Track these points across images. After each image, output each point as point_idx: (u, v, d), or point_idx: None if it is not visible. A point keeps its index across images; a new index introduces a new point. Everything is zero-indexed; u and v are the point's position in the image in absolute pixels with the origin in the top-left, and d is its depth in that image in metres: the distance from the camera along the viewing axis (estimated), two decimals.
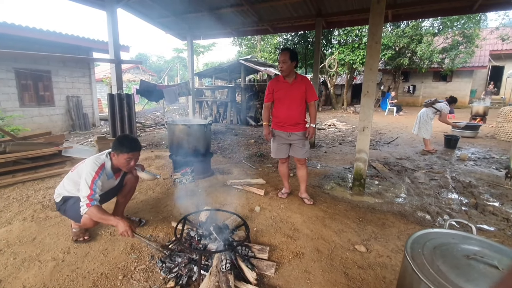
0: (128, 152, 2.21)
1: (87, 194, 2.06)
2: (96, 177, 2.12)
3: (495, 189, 3.98)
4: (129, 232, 1.98)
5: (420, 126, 6.23)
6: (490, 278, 1.13)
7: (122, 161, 2.23)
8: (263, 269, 2.00)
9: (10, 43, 6.77)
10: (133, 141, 2.27)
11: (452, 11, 6.11)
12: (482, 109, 10.61)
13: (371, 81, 3.44)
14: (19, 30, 6.83)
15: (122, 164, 2.25)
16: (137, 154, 2.31)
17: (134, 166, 2.35)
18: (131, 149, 2.22)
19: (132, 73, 24.65)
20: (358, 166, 3.63)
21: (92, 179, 2.10)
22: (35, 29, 7.14)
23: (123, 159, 2.22)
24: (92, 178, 2.10)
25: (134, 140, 2.28)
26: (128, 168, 2.32)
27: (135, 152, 2.27)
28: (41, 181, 3.89)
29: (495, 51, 17.47)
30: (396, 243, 2.48)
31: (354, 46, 14.13)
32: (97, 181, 2.12)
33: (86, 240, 2.36)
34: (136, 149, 2.28)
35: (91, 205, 2.04)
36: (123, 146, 2.21)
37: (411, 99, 19.45)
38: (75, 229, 2.38)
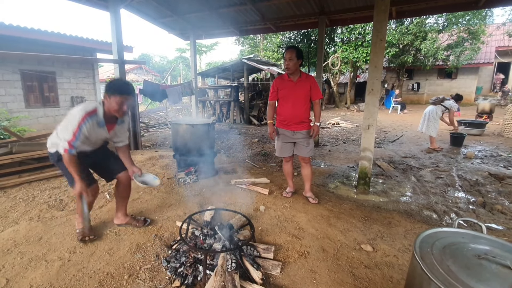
0: (120, 94, 2.13)
1: (69, 139, 2.03)
2: (82, 122, 2.05)
3: (503, 187, 3.93)
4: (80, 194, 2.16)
5: (429, 124, 6.14)
6: (503, 278, 1.10)
7: (113, 105, 2.14)
8: (268, 269, 1.99)
9: (16, 45, 6.83)
10: (125, 84, 2.21)
11: (457, 7, 6.04)
12: (488, 106, 10.49)
13: (375, 78, 3.40)
14: (24, 32, 6.88)
15: (114, 107, 2.15)
16: (130, 98, 2.21)
17: (126, 111, 2.23)
18: (123, 91, 2.14)
19: (135, 73, 24.78)
20: (363, 164, 3.60)
21: (78, 123, 2.04)
22: (40, 31, 7.19)
23: (114, 102, 2.13)
24: (78, 123, 2.04)
25: (126, 84, 2.23)
26: (121, 113, 2.20)
27: (127, 95, 2.17)
28: (47, 181, 3.91)
29: (501, 47, 17.24)
30: (403, 242, 2.45)
31: (358, 44, 14.03)
32: (83, 127, 2.05)
33: (92, 239, 2.36)
34: (129, 92, 2.19)
35: (68, 152, 2.03)
36: (115, 88, 2.13)
37: (415, 97, 19.29)
38: (78, 230, 2.39)
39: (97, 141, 2.33)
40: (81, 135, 2.07)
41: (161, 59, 41.32)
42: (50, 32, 7.43)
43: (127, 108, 2.23)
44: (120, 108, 2.17)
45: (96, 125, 2.16)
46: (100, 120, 2.17)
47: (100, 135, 2.27)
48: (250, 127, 10.22)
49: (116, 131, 2.40)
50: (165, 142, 7.23)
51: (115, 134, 2.42)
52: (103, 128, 2.24)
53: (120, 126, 2.42)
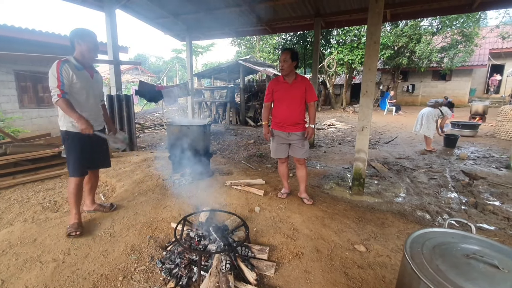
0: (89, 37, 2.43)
1: (56, 85, 2.27)
2: (59, 67, 2.29)
3: (495, 188, 3.99)
4: (89, 130, 2.34)
5: (428, 126, 6.21)
6: (490, 277, 1.13)
7: (88, 48, 2.43)
8: (263, 270, 2.01)
9: (9, 45, 6.76)
10: (90, 30, 2.48)
11: (451, 10, 6.11)
12: (481, 108, 10.63)
13: (369, 80, 3.44)
14: (18, 32, 6.82)
15: (89, 51, 2.45)
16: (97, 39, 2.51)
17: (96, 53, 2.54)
18: (92, 34, 2.46)
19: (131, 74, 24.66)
20: (358, 165, 3.64)
21: (56, 69, 2.28)
22: (35, 31, 7.13)
23: (89, 46, 2.43)
24: (56, 69, 2.28)
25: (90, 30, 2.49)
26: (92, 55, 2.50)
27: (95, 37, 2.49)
28: (41, 182, 3.89)
29: (495, 50, 17.47)
30: (395, 242, 2.48)
31: (353, 46, 14.14)
32: (62, 69, 2.29)
33: (77, 235, 2.42)
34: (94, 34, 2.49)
35: (62, 96, 2.28)
36: (84, 34, 2.43)
37: (410, 98, 19.47)
38: (69, 226, 2.49)
39: (90, 91, 2.54)
40: (65, 80, 2.31)
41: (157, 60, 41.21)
42: (44, 32, 7.37)
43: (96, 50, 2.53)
44: (92, 49, 2.46)
45: (75, 69, 2.40)
46: (76, 64, 2.42)
47: (86, 80, 2.50)
48: (246, 128, 10.24)
49: (98, 82, 2.69)
50: (161, 143, 7.22)
51: (98, 85, 2.69)
52: (84, 71, 2.48)
53: (99, 76, 2.70)
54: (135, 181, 3.79)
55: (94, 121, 2.57)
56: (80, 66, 2.44)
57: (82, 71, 2.46)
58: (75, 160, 2.52)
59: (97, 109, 2.69)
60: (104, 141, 2.73)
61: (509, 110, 7.72)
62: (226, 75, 14.12)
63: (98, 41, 2.55)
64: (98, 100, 2.71)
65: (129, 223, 2.68)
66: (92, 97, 2.58)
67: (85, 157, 2.58)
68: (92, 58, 2.55)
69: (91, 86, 2.55)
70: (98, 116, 2.69)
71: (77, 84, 2.40)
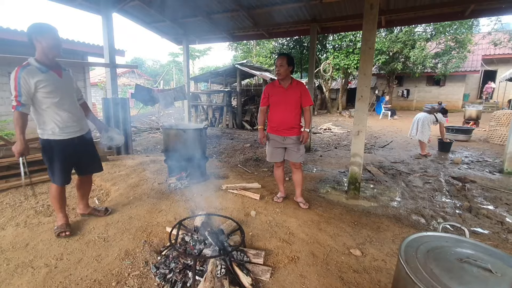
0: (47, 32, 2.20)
1: (14, 95, 2.10)
2: (17, 76, 2.09)
3: (488, 192, 4.03)
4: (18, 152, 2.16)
5: (423, 131, 6.28)
6: (484, 281, 1.14)
7: (49, 44, 2.20)
8: (258, 274, 1.99)
9: (4, 48, 6.72)
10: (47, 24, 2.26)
11: (444, 17, 6.23)
12: (475, 113, 10.77)
13: (365, 85, 3.48)
14: (13, 35, 6.79)
15: (51, 47, 2.21)
16: (58, 33, 2.27)
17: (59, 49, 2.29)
18: (51, 28, 2.23)
19: (127, 77, 24.59)
20: (353, 170, 3.66)
21: (14, 78, 2.10)
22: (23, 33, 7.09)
23: (49, 42, 2.20)
24: (14, 78, 2.10)
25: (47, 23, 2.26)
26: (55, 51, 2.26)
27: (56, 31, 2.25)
28: (34, 186, 3.84)
29: (487, 56, 17.78)
30: (391, 246, 2.48)
31: (349, 51, 14.29)
32: (20, 78, 2.09)
33: (67, 235, 2.42)
34: (55, 28, 2.25)
35: (16, 108, 2.11)
36: (40, 29, 2.19)
37: (405, 103, 19.67)
38: (55, 227, 2.49)
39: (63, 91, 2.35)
40: (24, 89, 2.11)
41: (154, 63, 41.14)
42: None
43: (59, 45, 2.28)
44: (53, 46, 2.22)
45: (39, 72, 2.19)
46: (39, 66, 2.21)
47: (55, 81, 2.29)
48: (243, 132, 10.24)
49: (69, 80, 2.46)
50: (157, 146, 7.18)
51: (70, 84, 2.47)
52: (50, 73, 2.26)
53: (68, 74, 2.48)
54: (130, 185, 3.76)
55: (77, 123, 2.47)
56: (44, 68, 2.22)
57: (47, 73, 2.24)
58: (60, 168, 2.40)
59: (76, 110, 2.49)
60: (91, 146, 2.65)
61: (501, 115, 7.84)
62: (223, 79, 14.16)
63: (59, 36, 2.29)
64: (74, 100, 2.51)
65: (123, 227, 2.65)
66: (67, 98, 2.39)
67: (70, 164, 2.51)
68: (55, 55, 2.31)
69: (62, 87, 2.35)
70: (79, 118, 2.52)
71: (45, 89, 2.21)
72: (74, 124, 2.42)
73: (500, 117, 7.84)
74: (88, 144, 2.63)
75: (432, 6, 5.22)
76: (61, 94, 2.34)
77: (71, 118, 2.40)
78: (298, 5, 5.62)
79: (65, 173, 2.47)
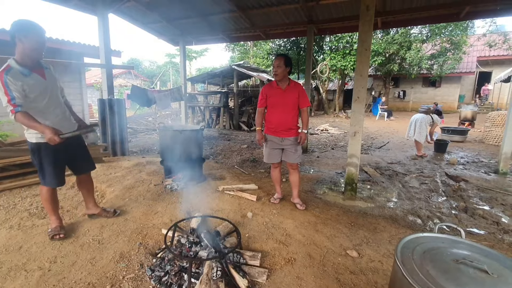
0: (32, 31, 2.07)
1: (6, 100, 2.00)
2: (1, 80, 1.99)
3: (484, 192, 4.05)
4: (55, 138, 2.05)
5: (420, 131, 6.32)
6: (480, 282, 1.14)
7: (32, 46, 2.07)
8: (254, 276, 1.98)
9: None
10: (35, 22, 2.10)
11: (439, 19, 6.28)
12: (470, 114, 10.85)
13: (361, 86, 3.48)
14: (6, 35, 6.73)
15: (34, 49, 2.09)
16: (45, 34, 2.14)
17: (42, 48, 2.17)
18: (38, 28, 2.09)
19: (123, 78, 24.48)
20: (350, 170, 3.66)
21: (1, 84, 1.99)
22: None
23: (33, 43, 2.07)
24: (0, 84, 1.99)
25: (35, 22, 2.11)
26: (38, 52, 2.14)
27: (43, 32, 2.12)
28: (28, 188, 3.80)
29: (482, 57, 17.93)
30: (387, 247, 2.48)
31: (345, 52, 14.35)
32: (6, 82, 1.99)
33: (61, 238, 2.40)
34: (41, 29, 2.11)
35: (15, 111, 2.01)
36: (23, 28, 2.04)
37: (401, 104, 19.77)
38: (49, 230, 2.47)
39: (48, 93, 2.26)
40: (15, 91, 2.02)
41: (150, 64, 41.05)
42: None
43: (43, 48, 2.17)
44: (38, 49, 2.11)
45: (22, 75, 2.09)
46: (21, 69, 2.10)
47: (40, 84, 2.20)
48: (240, 133, 10.23)
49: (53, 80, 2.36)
50: (153, 148, 7.14)
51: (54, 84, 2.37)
52: (33, 75, 2.16)
53: (51, 72, 2.37)
54: (125, 186, 3.73)
55: (67, 122, 2.43)
56: (25, 70, 2.12)
57: (30, 76, 2.15)
58: (52, 170, 2.34)
59: (63, 110, 2.44)
60: (80, 144, 2.61)
61: (496, 116, 7.90)
62: (220, 80, 14.14)
63: (45, 37, 2.16)
64: (60, 100, 2.43)
65: (118, 229, 2.63)
66: (53, 99, 2.32)
67: (61, 166, 2.45)
68: (39, 58, 2.21)
69: (47, 88, 2.26)
70: (67, 118, 2.47)
71: (31, 94, 2.13)
72: (62, 124, 2.34)
73: (495, 118, 7.90)
74: (78, 143, 2.59)
75: (428, 8, 5.26)
76: (47, 96, 2.27)
77: (59, 120, 2.35)
78: (295, 6, 5.63)
79: (57, 175, 2.41)
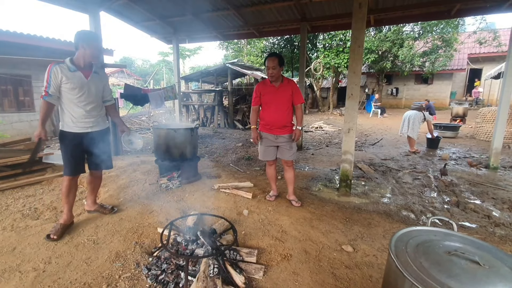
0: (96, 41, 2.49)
1: (44, 86, 2.36)
2: (50, 70, 2.35)
3: (475, 187, 4.13)
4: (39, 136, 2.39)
5: (414, 127, 6.41)
6: (472, 273, 1.16)
7: (90, 52, 2.45)
8: (251, 273, 1.99)
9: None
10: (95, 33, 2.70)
11: (431, 16, 6.35)
12: (461, 110, 11.01)
13: (354, 84, 3.51)
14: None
15: (90, 55, 2.47)
16: (101, 44, 2.64)
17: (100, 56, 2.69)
18: (97, 39, 2.53)
19: (116, 77, 24.24)
20: (344, 167, 3.69)
21: (47, 72, 2.35)
22: (16, 33, 6.90)
23: (92, 51, 2.45)
24: (47, 72, 2.35)
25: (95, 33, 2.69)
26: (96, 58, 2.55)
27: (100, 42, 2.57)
28: (21, 189, 3.75)
29: (473, 54, 18.19)
30: (381, 242, 2.52)
31: (339, 50, 14.40)
32: (52, 72, 2.34)
33: (54, 239, 2.41)
34: (100, 39, 2.62)
35: (43, 98, 2.36)
36: (90, 38, 2.47)
37: (394, 101, 19.96)
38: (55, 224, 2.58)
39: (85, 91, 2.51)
40: (53, 82, 2.36)
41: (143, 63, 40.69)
42: (26, 35, 7.15)
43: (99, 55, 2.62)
44: (95, 55, 2.49)
45: (67, 70, 2.41)
46: (70, 66, 2.42)
47: (81, 81, 2.47)
48: (234, 132, 10.22)
49: (96, 82, 2.62)
50: (147, 147, 7.10)
51: (96, 86, 2.62)
52: (77, 72, 2.45)
53: (98, 76, 2.64)
54: (120, 186, 3.70)
55: (92, 120, 2.61)
56: (73, 67, 2.44)
57: (75, 72, 2.44)
58: (66, 159, 2.55)
59: (96, 109, 2.64)
60: (102, 142, 2.73)
61: (487, 113, 8.04)
62: (214, 78, 14.09)
63: (102, 46, 2.66)
64: (98, 100, 2.66)
65: (113, 229, 2.61)
66: (88, 97, 2.54)
67: (77, 156, 2.59)
68: (92, 61, 2.56)
69: (86, 87, 2.51)
70: (96, 116, 2.67)
71: (68, 85, 2.41)
72: (88, 120, 2.57)
73: (486, 114, 8.03)
74: (100, 140, 2.70)
75: (419, 5, 5.31)
76: (83, 93, 2.50)
77: (86, 115, 2.55)
78: (288, 4, 5.63)
79: (72, 164, 2.56)
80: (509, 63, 4.70)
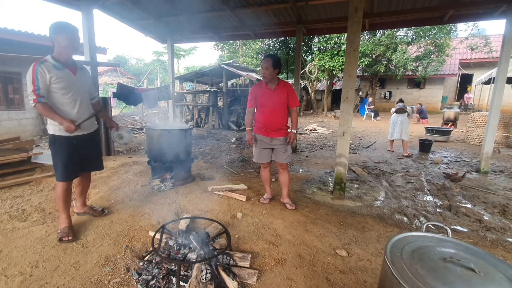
0: (65, 31, 2.28)
1: (32, 89, 2.18)
2: (34, 70, 2.18)
3: (467, 191, 4.17)
4: (71, 126, 2.23)
5: (406, 130, 6.50)
6: (467, 281, 1.15)
7: (64, 43, 2.28)
8: (244, 278, 1.96)
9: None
10: (67, 23, 2.33)
11: (424, 22, 6.43)
12: (453, 114, 11.18)
13: (350, 87, 3.52)
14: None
15: (66, 45, 2.29)
16: (77, 33, 2.35)
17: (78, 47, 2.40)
18: (68, 27, 2.30)
19: (109, 76, 23.95)
20: (339, 170, 3.69)
21: (32, 73, 2.17)
22: (6, 30, 6.76)
23: (65, 41, 2.27)
24: (31, 73, 2.18)
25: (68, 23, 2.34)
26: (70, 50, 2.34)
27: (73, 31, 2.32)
28: (9, 189, 3.64)
29: (464, 60, 18.52)
30: (375, 246, 2.51)
31: (334, 53, 14.51)
32: (37, 72, 2.17)
33: (70, 240, 2.36)
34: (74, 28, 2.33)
35: (37, 101, 2.18)
36: (59, 27, 2.28)
37: (387, 104, 20.15)
38: (58, 230, 2.44)
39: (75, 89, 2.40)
40: (41, 83, 2.19)
41: (137, 62, 40.29)
42: (16, 31, 7.01)
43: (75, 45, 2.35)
44: (73, 44, 2.32)
45: (54, 69, 2.26)
46: (55, 63, 2.28)
47: (70, 79, 2.36)
48: (229, 133, 10.17)
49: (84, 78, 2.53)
50: (140, 147, 7.01)
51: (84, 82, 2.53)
52: (65, 70, 2.33)
53: (84, 72, 2.56)
54: (111, 187, 3.63)
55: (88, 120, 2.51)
56: (59, 65, 2.31)
57: (62, 70, 2.32)
58: (63, 164, 2.41)
59: (86, 108, 2.54)
60: (95, 144, 2.68)
61: (478, 117, 8.17)
62: (208, 79, 14.01)
63: (77, 35, 2.36)
64: (86, 98, 2.56)
65: (103, 232, 2.55)
66: (78, 96, 2.44)
67: (74, 161, 2.49)
68: (70, 54, 2.39)
69: (74, 84, 2.41)
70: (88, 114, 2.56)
71: (57, 84, 2.28)
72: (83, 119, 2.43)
73: (477, 119, 8.17)
74: (93, 142, 2.65)
75: (413, 11, 5.38)
76: (73, 91, 2.39)
77: (79, 116, 2.42)
78: (284, 6, 5.63)
79: (68, 169, 2.45)
80: (500, 69, 4.78)
